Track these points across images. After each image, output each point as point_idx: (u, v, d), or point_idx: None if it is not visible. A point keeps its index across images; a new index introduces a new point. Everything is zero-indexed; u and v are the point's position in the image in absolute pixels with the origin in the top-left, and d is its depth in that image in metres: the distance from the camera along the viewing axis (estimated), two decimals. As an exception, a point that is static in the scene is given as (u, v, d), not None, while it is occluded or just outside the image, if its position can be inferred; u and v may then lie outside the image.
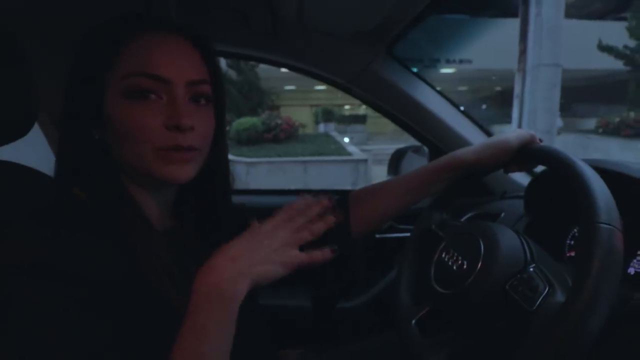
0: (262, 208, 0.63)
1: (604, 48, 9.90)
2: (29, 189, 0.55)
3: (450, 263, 0.53)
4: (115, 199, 0.43)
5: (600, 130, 9.95)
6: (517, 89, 5.91)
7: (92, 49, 0.43)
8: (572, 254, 0.63)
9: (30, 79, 0.51)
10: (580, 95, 12.49)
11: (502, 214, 0.78)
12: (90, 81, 0.42)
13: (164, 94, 0.43)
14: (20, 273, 0.35)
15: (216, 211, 0.53)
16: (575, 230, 0.63)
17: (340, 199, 0.67)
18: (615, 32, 9.85)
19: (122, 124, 0.42)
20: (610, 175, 0.51)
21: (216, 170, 0.52)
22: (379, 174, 6.52)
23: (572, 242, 0.63)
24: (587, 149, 9.25)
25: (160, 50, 0.43)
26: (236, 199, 0.63)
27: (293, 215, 0.44)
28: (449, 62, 11.70)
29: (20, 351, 0.33)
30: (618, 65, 10.16)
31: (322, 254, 0.44)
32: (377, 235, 1.10)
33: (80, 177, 0.43)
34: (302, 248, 0.45)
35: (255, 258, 0.40)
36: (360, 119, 14.31)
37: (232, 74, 10.40)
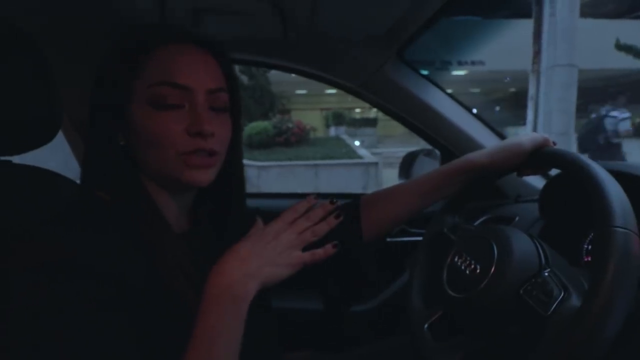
0: (273, 211, 0.64)
1: (622, 47, 9.64)
2: (53, 192, 0.57)
3: (463, 267, 0.53)
4: (136, 201, 0.45)
5: (619, 131, 9.66)
6: (531, 91, 5.81)
7: (120, 58, 0.45)
8: (590, 259, 0.62)
9: (55, 85, 0.53)
10: (597, 95, 12.19)
11: (517, 218, 0.77)
12: (117, 89, 0.44)
13: (185, 102, 0.45)
14: (42, 273, 0.36)
15: (232, 214, 0.54)
16: (592, 234, 0.62)
17: (352, 203, 0.67)
18: (633, 31, 9.60)
19: (146, 130, 0.44)
20: (627, 178, 0.50)
21: (232, 174, 0.53)
22: (390, 177, 6.48)
23: (590, 247, 0.62)
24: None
25: (182, 60, 0.45)
26: (248, 202, 0.65)
27: (296, 217, 0.45)
28: (461, 64, 11.58)
29: (41, 350, 0.34)
30: (637, 64, 9.88)
31: (324, 251, 0.45)
32: (389, 239, 1.10)
33: (104, 180, 0.45)
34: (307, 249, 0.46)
35: (263, 260, 0.42)
36: (371, 122, 14.26)
37: (244, 78, 10.51)
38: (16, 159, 0.57)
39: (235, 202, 0.55)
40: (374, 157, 7.71)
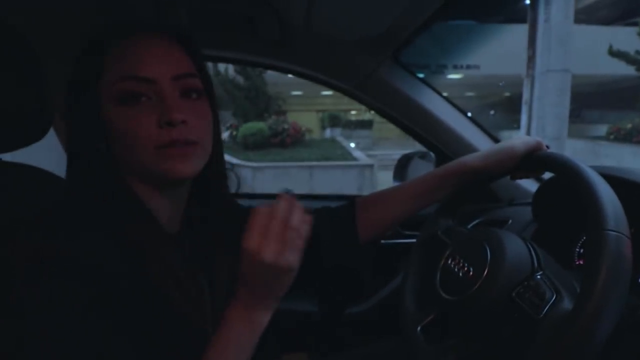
0: None
1: (615, 53, 9.77)
2: (43, 190, 0.56)
3: (456, 270, 0.53)
4: (124, 202, 0.44)
5: (612, 136, 9.79)
6: (525, 95, 5.86)
7: (83, 60, 0.45)
8: (582, 262, 0.62)
9: (46, 82, 0.53)
10: (590, 101, 12.34)
11: (510, 221, 0.77)
12: (85, 91, 0.43)
13: (152, 94, 0.44)
14: (33, 273, 0.35)
15: (213, 207, 0.53)
16: (585, 237, 0.62)
17: (347, 205, 0.67)
18: (626, 38, 9.74)
19: (118, 128, 0.43)
20: (619, 182, 0.50)
21: (212, 165, 0.51)
22: (385, 179, 6.50)
23: (582, 250, 0.62)
24: (598, 155, 9.11)
25: (141, 52, 0.44)
26: (242, 203, 0.64)
27: (268, 220, 0.40)
28: (456, 68, 11.67)
29: (30, 350, 0.34)
30: (629, 70, 10.01)
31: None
32: (383, 241, 1.10)
33: (90, 182, 0.44)
34: None
35: (267, 286, 0.42)
36: (367, 124, 14.30)
37: (240, 79, 10.50)
38: (7, 157, 0.56)
39: (216, 195, 0.53)
40: (369, 159, 7.73)
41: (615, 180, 0.48)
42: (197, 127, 0.45)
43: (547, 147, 0.61)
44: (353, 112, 17.05)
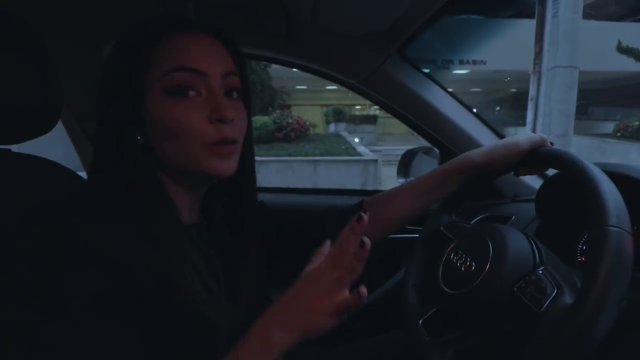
0: (272, 206, 0.65)
1: (624, 50, 9.63)
2: (52, 181, 0.57)
3: (458, 264, 0.53)
4: (151, 193, 0.43)
5: (619, 134, 9.70)
6: (532, 91, 5.81)
7: (131, 51, 0.44)
8: (584, 258, 0.62)
9: (56, 75, 0.53)
10: (597, 98, 12.21)
11: (513, 217, 0.77)
12: (131, 83, 0.43)
13: (202, 89, 0.44)
14: (51, 263, 0.36)
15: (244, 206, 0.54)
16: (587, 234, 0.62)
17: (355, 207, 0.67)
18: (635, 34, 9.59)
19: (166, 122, 0.43)
20: (623, 179, 0.51)
21: (245, 165, 0.52)
22: (389, 174, 6.49)
23: (584, 247, 0.63)
24: (604, 153, 9.03)
25: (193, 46, 0.44)
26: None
27: (338, 258, 0.40)
28: (462, 63, 11.56)
29: (56, 340, 0.34)
30: (638, 67, 9.87)
31: (360, 294, 0.39)
32: (386, 235, 1.10)
33: (120, 177, 0.43)
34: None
35: (301, 307, 0.39)
36: (371, 120, 14.26)
37: (244, 73, 10.45)
38: (14, 149, 0.57)
39: (248, 194, 0.54)
40: (373, 155, 7.72)
41: (619, 177, 0.48)
42: (240, 126, 0.46)
43: (552, 143, 0.62)
44: (357, 107, 16.99)
